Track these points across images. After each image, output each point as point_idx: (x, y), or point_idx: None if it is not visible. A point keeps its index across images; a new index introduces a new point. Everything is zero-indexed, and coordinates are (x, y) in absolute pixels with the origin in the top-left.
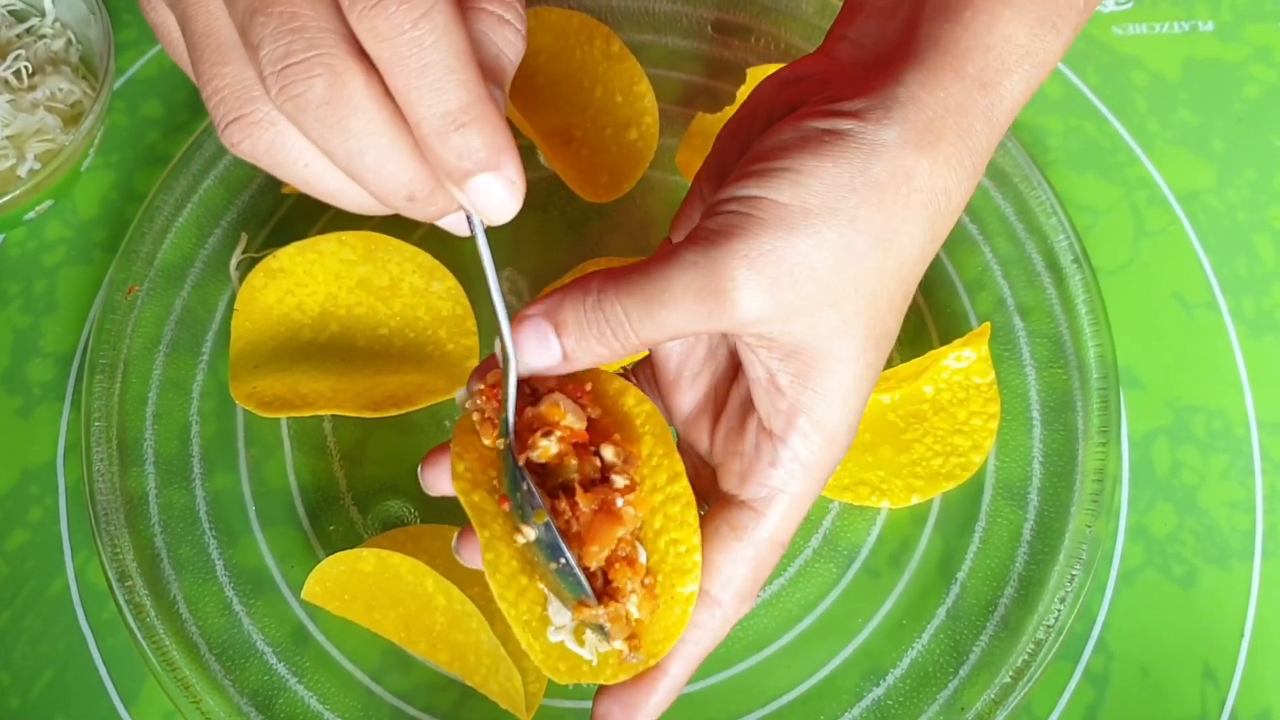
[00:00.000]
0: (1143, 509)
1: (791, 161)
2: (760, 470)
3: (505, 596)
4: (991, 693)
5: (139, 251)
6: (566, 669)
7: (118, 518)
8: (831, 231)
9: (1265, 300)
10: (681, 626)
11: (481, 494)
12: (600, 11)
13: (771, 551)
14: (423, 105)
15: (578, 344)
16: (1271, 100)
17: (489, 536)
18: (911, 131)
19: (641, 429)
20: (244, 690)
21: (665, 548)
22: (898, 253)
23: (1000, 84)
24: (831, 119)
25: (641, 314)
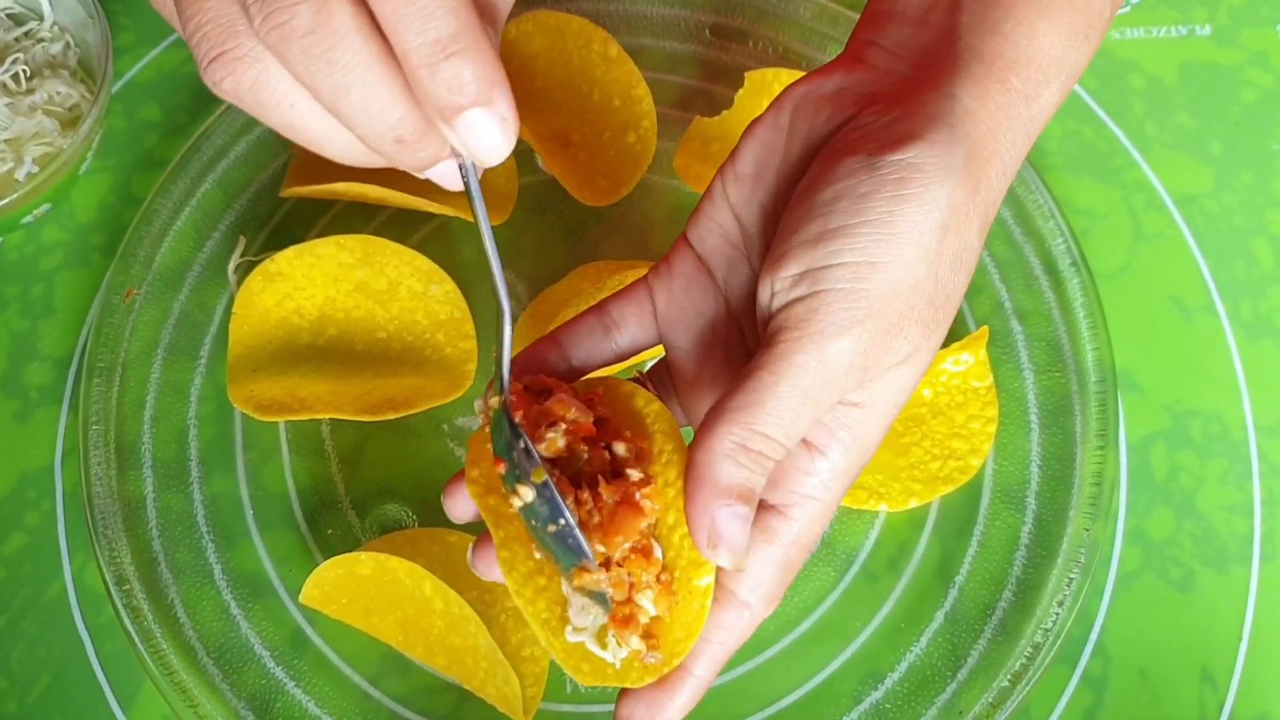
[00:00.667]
0: (1141, 513)
1: (877, 213)
2: (794, 478)
3: (522, 594)
4: (989, 696)
5: (137, 255)
6: (590, 670)
7: (115, 521)
8: (921, 271)
9: (1263, 304)
10: (701, 621)
11: (495, 498)
12: (598, 15)
13: (799, 555)
14: (411, 33)
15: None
16: (1268, 104)
17: (504, 536)
18: (973, 148)
19: (651, 427)
20: (242, 694)
21: (679, 542)
22: (965, 268)
23: (1040, 95)
24: (897, 149)
25: (785, 434)
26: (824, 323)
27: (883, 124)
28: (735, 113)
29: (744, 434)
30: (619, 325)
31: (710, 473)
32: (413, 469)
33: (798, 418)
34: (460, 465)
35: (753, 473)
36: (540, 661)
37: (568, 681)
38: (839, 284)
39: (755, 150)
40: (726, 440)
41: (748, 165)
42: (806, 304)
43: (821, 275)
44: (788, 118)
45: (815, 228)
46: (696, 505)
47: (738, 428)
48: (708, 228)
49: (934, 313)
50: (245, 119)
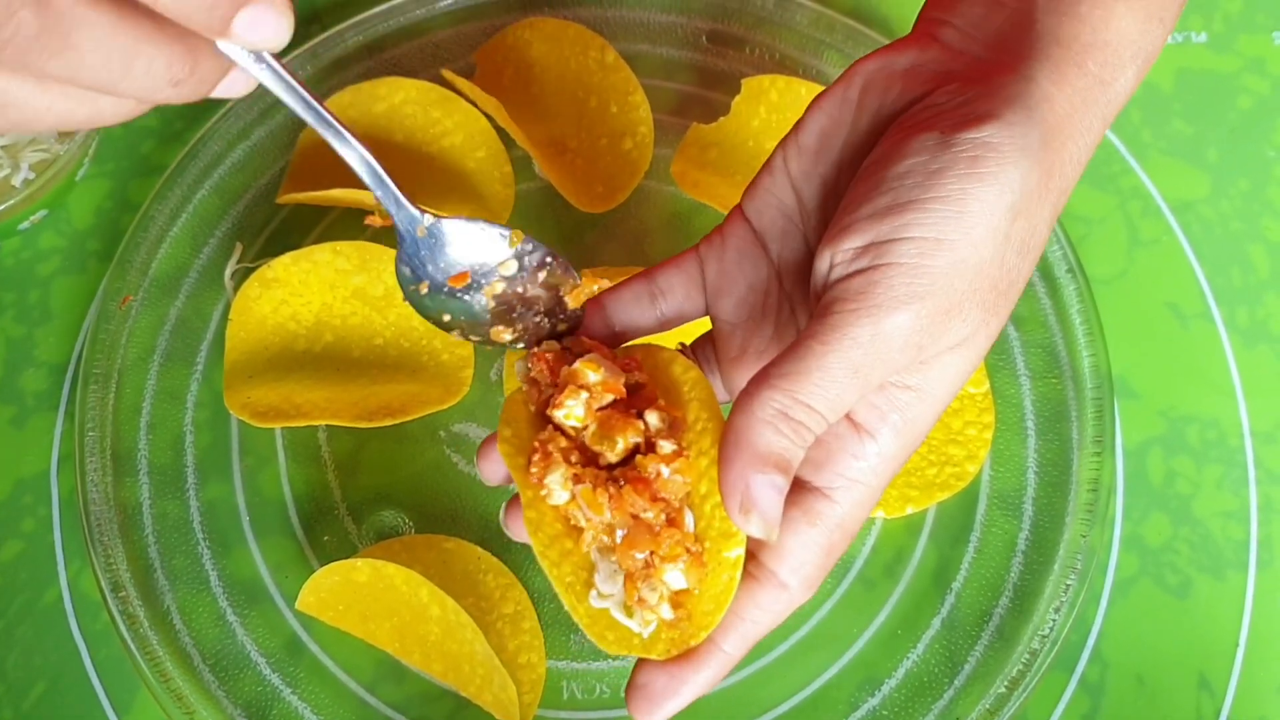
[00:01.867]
0: (1137, 519)
1: (949, 189)
2: (842, 461)
3: (548, 555)
4: (986, 702)
5: (133, 261)
6: (615, 639)
7: (111, 528)
8: (988, 252)
9: (1259, 310)
10: (729, 593)
11: (526, 458)
12: (595, 22)
13: (843, 540)
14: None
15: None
16: (1264, 111)
17: (531, 496)
18: (1049, 132)
19: (688, 395)
20: (238, 701)
21: (711, 512)
22: (1032, 255)
23: (1116, 80)
24: (973, 127)
25: (829, 407)
26: (883, 295)
27: (958, 103)
28: (732, 119)
29: (786, 401)
30: (665, 293)
31: (748, 438)
32: (409, 475)
33: (844, 391)
34: (456, 471)
35: (792, 442)
36: (537, 668)
37: (564, 688)
38: (903, 258)
39: (821, 123)
40: (768, 406)
41: (812, 138)
42: (867, 276)
43: (886, 249)
44: (857, 93)
45: (883, 201)
46: (732, 470)
47: (780, 394)
48: (765, 200)
49: (996, 297)
50: (241, 126)
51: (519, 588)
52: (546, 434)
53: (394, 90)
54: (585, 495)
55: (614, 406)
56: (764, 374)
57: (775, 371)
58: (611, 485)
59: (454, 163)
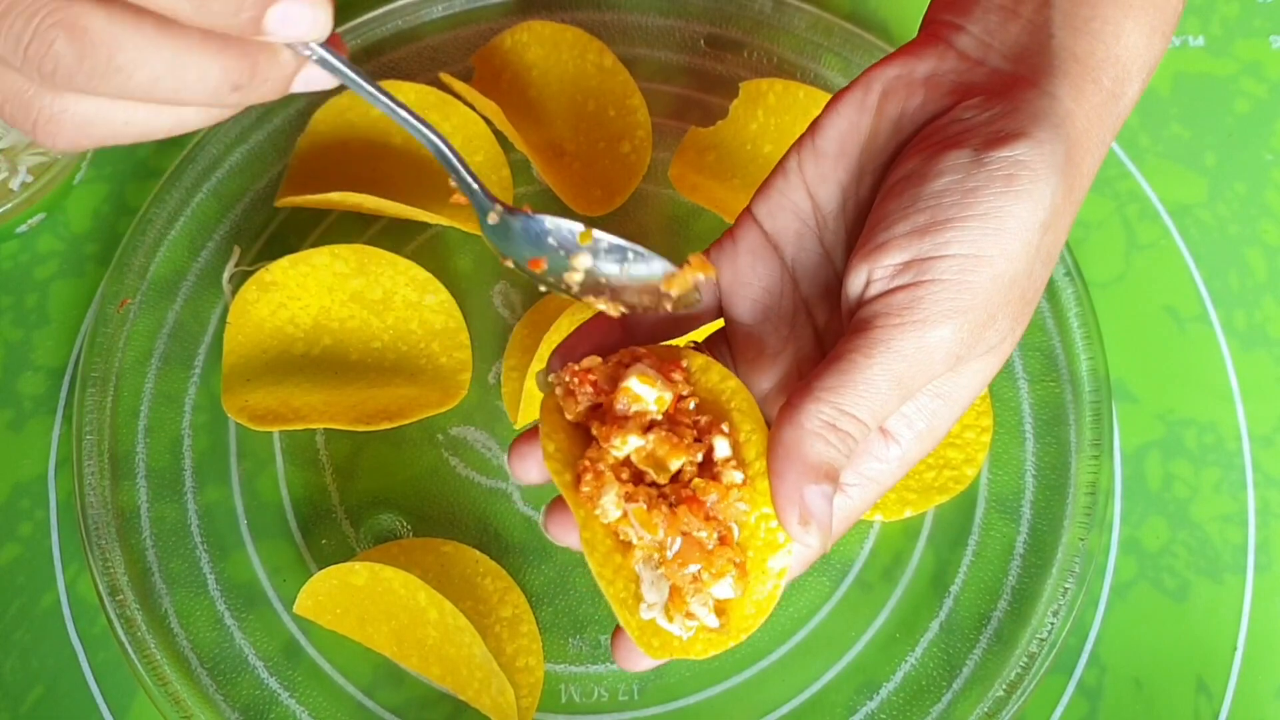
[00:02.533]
0: (1135, 522)
1: (986, 206)
2: (864, 463)
3: (603, 575)
4: (985, 706)
5: (131, 265)
6: (659, 644)
7: (109, 531)
8: (1022, 265)
9: (1256, 313)
10: (773, 602)
11: (573, 475)
12: (593, 26)
13: (845, 528)
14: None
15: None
16: (1262, 114)
17: (584, 516)
18: (1071, 148)
19: (728, 405)
20: (235, 705)
21: (756, 523)
22: (1053, 263)
23: (1125, 93)
24: (1005, 146)
25: (873, 417)
26: (927, 311)
27: (985, 119)
28: (730, 123)
29: (833, 414)
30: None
31: (800, 451)
32: (407, 479)
33: (887, 401)
34: (454, 475)
35: (839, 452)
36: (535, 672)
37: (562, 691)
38: (945, 274)
39: (839, 127)
40: (815, 418)
41: (829, 142)
42: (910, 292)
43: (928, 266)
44: (876, 98)
45: (922, 219)
46: (786, 483)
47: (827, 407)
48: (778, 203)
49: (1024, 305)
50: (240, 129)
51: (517, 591)
52: (594, 452)
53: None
54: (639, 515)
55: (662, 422)
56: (808, 387)
57: (819, 385)
58: (664, 504)
59: None
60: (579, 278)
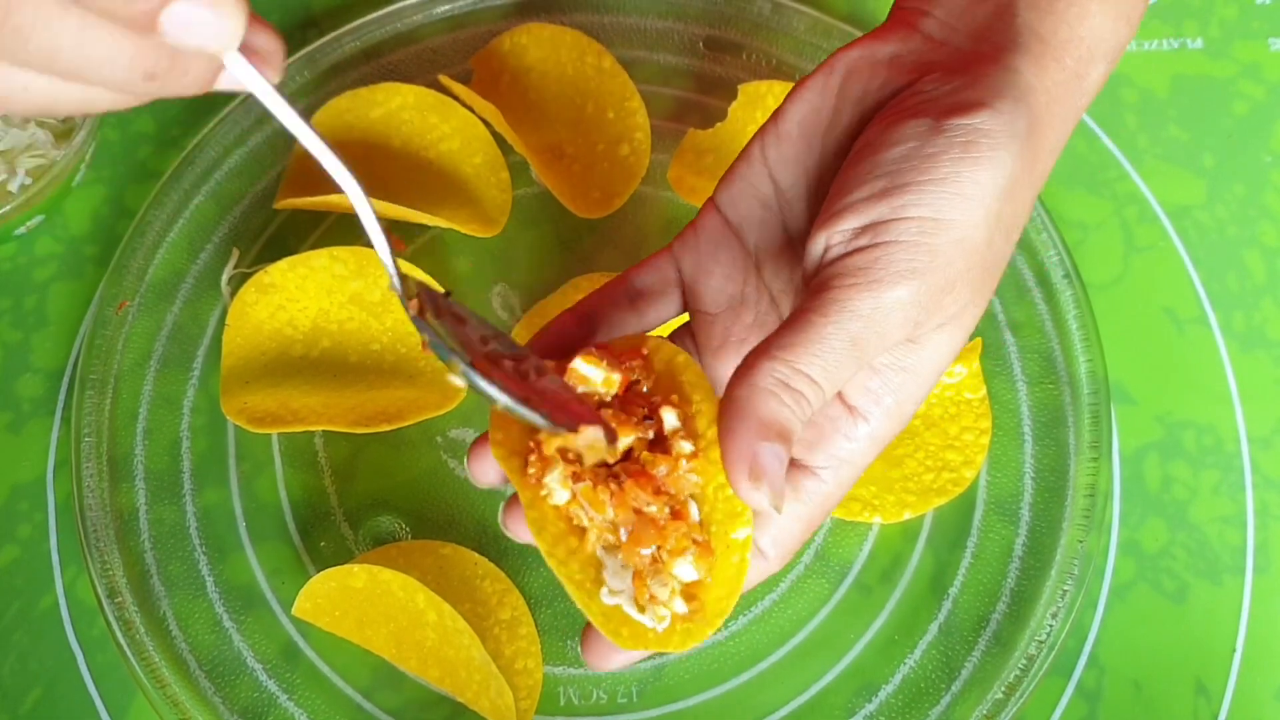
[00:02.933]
0: (1134, 524)
1: (944, 171)
2: (834, 443)
3: (554, 554)
4: (984, 708)
5: (130, 267)
6: (629, 635)
7: (107, 534)
8: (982, 233)
9: (1255, 315)
10: (741, 577)
11: (521, 459)
12: (592, 28)
13: (822, 516)
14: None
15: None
16: (1260, 116)
17: (531, 497)
18: (1033, 121)
19: (680, 379)
20: (234, 707)
21: (714, 494)
22: (1014, 237)
23: (1089, 75)
24: (965, 114)
25: (827, 379)
26: (884, 271)
27: (945, 91)
28: (729, 125)
29: (787, 372)
30: (644, 295)
31: (751, 407)
32: (406, 481)
33: (842, 363)
34: (452, 477)
35: (793, 413)
36: (534, 674)
37: (561, 694)
38: (903, 236)
39: (801, 111)
40: (769, 376)
41: (793, 125)
42: (867, 254)
43: (886, 228)
44: (839, 81)
45: (880, 184)
46: (738, 440)
47: (781, 365)
48: (740, 189)
49: (984, 276)
50: (239, 131)
51: (516, 593)
52: (542, 436)
53: (391, 96)
54: (586, 494)
55: (612, 403)
56: (763, 346)
57: (775, 343)
58: (612, 482)
59: (451, 168)
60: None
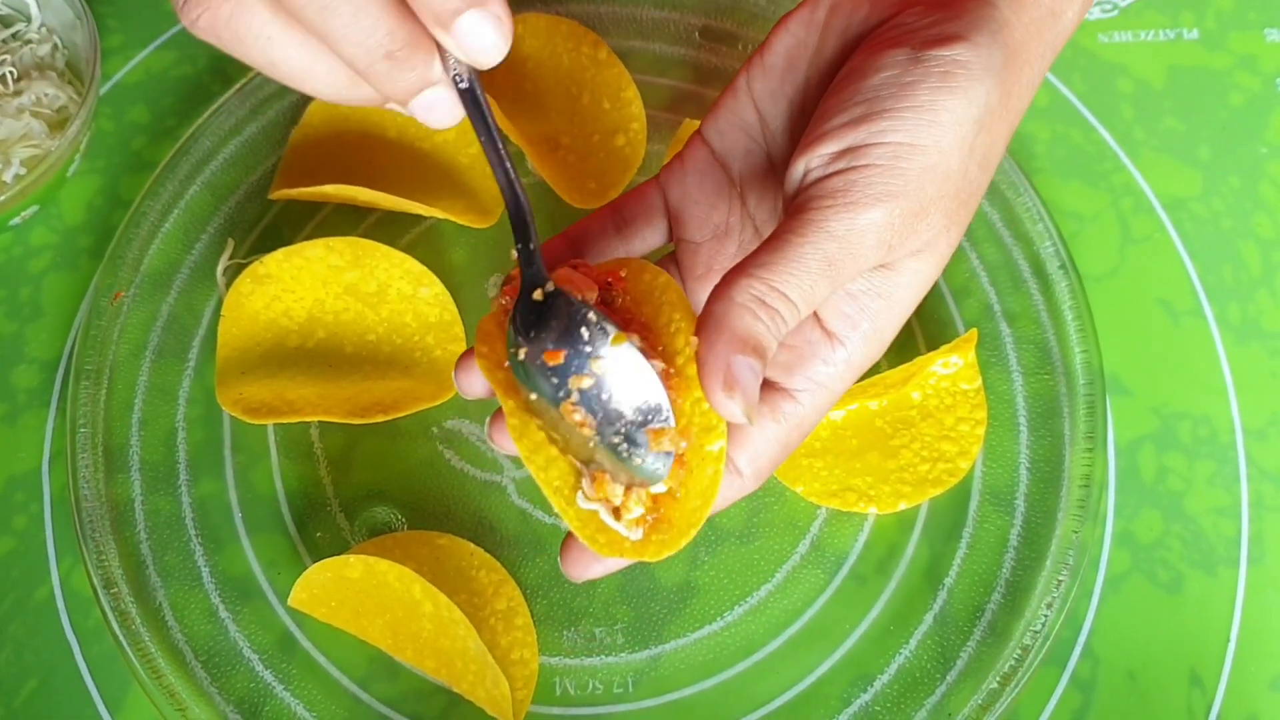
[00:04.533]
0: (1129, 515)
1: (921, 99)
2: (811, 367)
3: (534, 461)
4: (979, 698)
5: (125, 257)
6: (605, 542)
7: (103, 524)
8: (955, 161)
9: (1250, 307)
10: (715, 488)
11: (504, 371)
12: (588, 18)
13: (798, 439)
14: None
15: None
16: (1256, 107)
17: (513, 405)
18: (1009, 55)
19: (659, 300)
20: (230, 698)
21: (690, 409)
22: (989, 170)
23: (1065, 13)
24: (943, 46)
25: (802, 297)
26: (859, 193)
27: (925, 24)
28: None
29: (763, 289)
30: (630, 223)
31: (727, 321)
32: (402, 472)
33: (817, 282)
34: (448, 468)
35: (768, 329)
36: (530, 665)
37: (557, 684)
38: (879, 160)
39: (787, 43)
40: (745, 292)
41: (778, 58)
42: (844, 177)
43: (862, 152)
44: (823, 14)
45: (858, 111)
46: (713, 352)
47: (757, 282)
48: (727, 120)
49: (958, 206)
50: (234, 121)
51: (512, 584)
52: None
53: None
54: (565, 409)
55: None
56: (741, 265)
57: (752, 261)
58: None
59: (447, 159)
60: (588, 383)
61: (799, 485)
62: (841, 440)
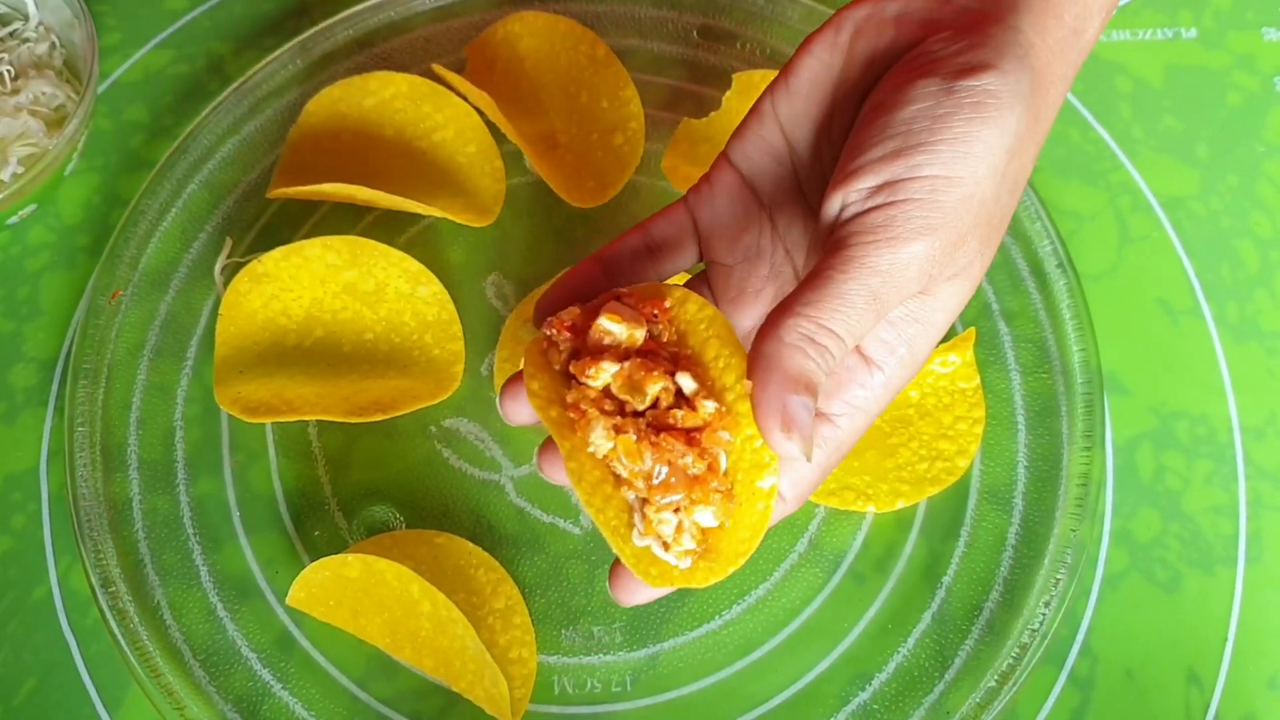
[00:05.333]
0: (1127, 514)
1: (955, 131)
2: (849, 391)
3: (592, 504)
4: (977, 697)
5: (123, 256)
6: (658, 574)
7: (101, 524)
8: (989, 189)
9: (1248, 306)
10: (765, 522)
11: (558, 409)
12: (586, 17)
13: (838, 459)
14: None
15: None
16: (1254, 107)
17: (570, 448)
18: (1036, 79)
19: (705, 334)
20: (228, 697)
21: (741, 445)
22: (1019, 192)
23: (1086, 31)
24: (973, 75)
25: (849, 332)
26: (900, 228)
27: (953, 51)
28: (723, 114)
29: (811, 327)
30: (661, 246)
31: (779, 361)
32: (400, 471)
33: (863, 317)
34: (447, 467)
35: (818, 365)
36: (528, 663)
37: (555, 683)
38: (917, 194)
39: (811, 67)
40: (794, 332)
41: (802, 82)
42: (884, 212)
43: (900, 187)
44: (848, 38)
45: (894, 144)
46: (767, 393)
47: (805, 320)
48: (754, 144)
49: (991, 231)
50: (232, 120)
51: (510, 583)
52: (575, 394)
53: (384, 85)
54: (625, 445)
55: (639, 354)
56: (786, 303)
57: (798, 300)
58: (651, 433)
59: (445, 157)
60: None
61: None
62: None
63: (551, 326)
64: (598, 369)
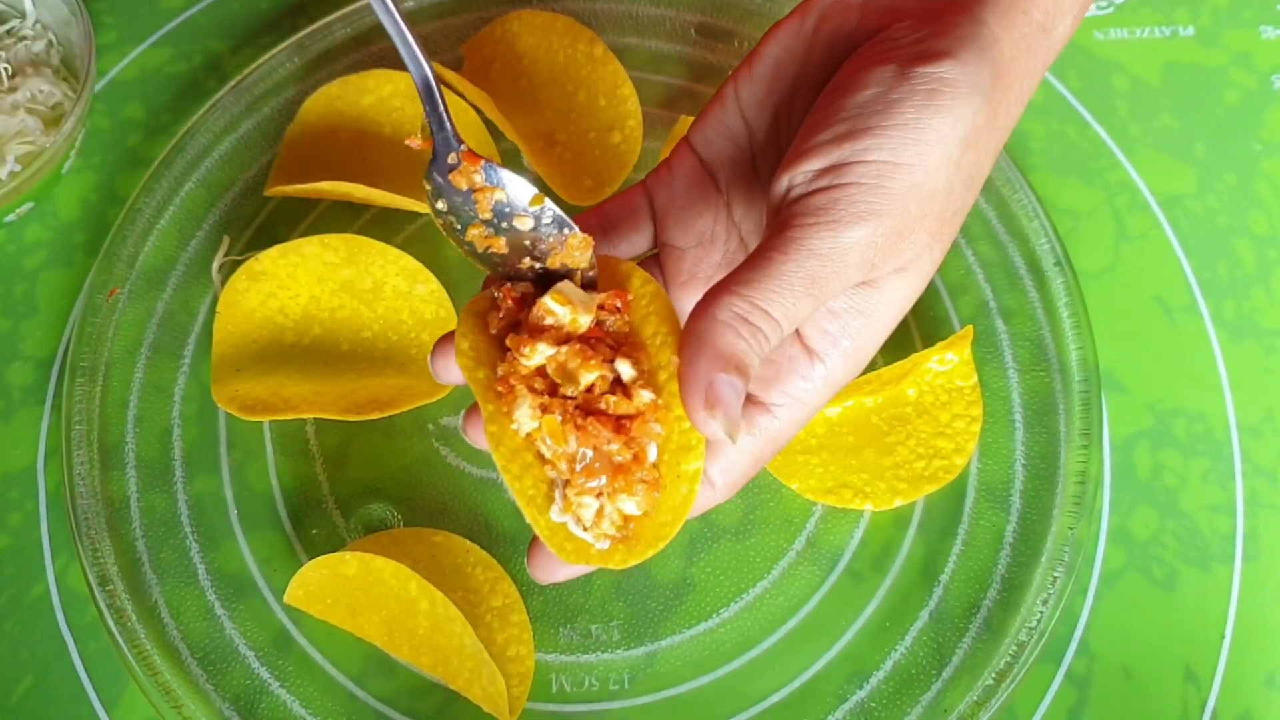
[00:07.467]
0: (1124, 511)
1: (906, 117)
2: (789, 382)
3: (509, 470)
4: (974, 695)
5: (120, 254)
6: (573, 550)
7: (98, 522)
8: (940, 180)
9: (1245, 304)
10: (688, 506)
11: (486, 371)
12: (584, 15)
13: (771, 452)
14: None
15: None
16: (1251, 105)
17: (492, 411)
18: (997, 73)
19: (646, 309)
20: (226, 695)
21: (670, 427)
22: (974, 188)
23: (1056, 28)
24: (930, 63)
25: (784, 315)
26: (842, 211)
27: (914, 39)
28: None
29: (745, 306)
30: (616, 226)
31: (709, 338)
32: (397, 469)
33: (800, 301)
34: (444, 465)
35: (750, 346)
36: (526, 661)
37: (553, 681)
38: (863, 178)
39: (775, 54)
40: (728, 310)
41: (766, 67)
42: (827, 194)
43: (846, 170)
44: (812, 24)
45: (843, 127)
46: (695, 369)
47: (740, 300)
48: (714, 129)
49: (941, 225)
50: (229, 118)
51: (508, 581)
52: (507, 367)
53: (382, 83)
54: (550, 425)
55: (580, 340)
56: (724, 282)
57: (735, 279)
58: (578, 416)
59: None
60: (515, 234)
61: (794, 482)
62: (837, 437)
63: (499, 290)
64: (533, 349)
